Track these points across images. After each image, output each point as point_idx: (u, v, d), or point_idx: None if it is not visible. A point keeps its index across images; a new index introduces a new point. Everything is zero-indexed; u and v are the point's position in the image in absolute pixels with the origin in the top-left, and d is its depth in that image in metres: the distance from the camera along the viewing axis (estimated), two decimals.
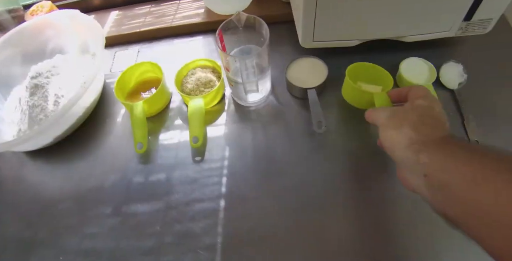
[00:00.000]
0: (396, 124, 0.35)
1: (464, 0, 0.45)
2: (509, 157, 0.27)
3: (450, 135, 0.33)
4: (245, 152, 0.50)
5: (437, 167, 0.30)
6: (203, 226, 0.46)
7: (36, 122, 0.55)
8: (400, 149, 0.33)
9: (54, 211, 0.52)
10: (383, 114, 0.37)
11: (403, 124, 0.34)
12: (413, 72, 0.51)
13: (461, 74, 0.52)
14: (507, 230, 0.24)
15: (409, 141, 0.32)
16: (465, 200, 0.27)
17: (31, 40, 0.63)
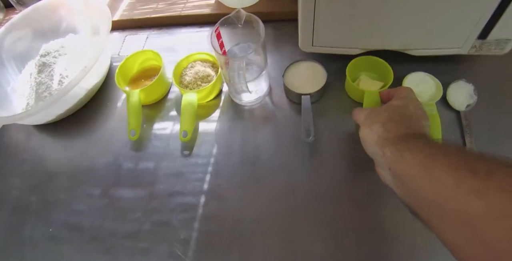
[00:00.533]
0: (369, 122, 0.37)
1: (478, 16, 0.42)
2: (458, 148, 0.30)
3: (419, 133, 0.34)
4: (233, 151, 0.51)
5: (396, 159, 0.32)
6: (181, 219, 0.47)
7: (41, 98, 0.58)
8: (371, 145, 0.36)
9: (48, 184, 0.55)
10: (362, 113, 0.40)
11: (374, 122, 0.37)
12: (417, 88, 0.49)
13: (471, 95, 0.49)
14: (451, 216, 0.25)
15: (377, 137, 0.35)
16: (418, 190, 0.28)
17: (46, 18, 0.65)
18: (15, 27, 0.64)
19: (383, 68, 0.50)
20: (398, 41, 0.47)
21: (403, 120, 0.35)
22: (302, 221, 0.44)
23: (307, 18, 0.45)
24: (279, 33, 0.61)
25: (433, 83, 0.49)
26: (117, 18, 0.67)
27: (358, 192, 0.45)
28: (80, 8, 0.62)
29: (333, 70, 0.51)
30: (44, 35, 0.66)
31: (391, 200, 0.44)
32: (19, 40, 0.65)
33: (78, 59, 0.60)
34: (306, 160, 0.48)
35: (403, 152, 0.31)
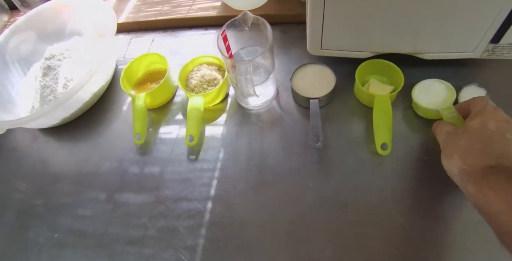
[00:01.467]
0: (448, 152, 0.36)
1: (491, 21, 0.41)
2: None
3: (502, 164, 0.32)
4: (239, 156, 0.50)
5: (478, 198, 0.31)
6: (187, 225, 0.47)
7: (46, 102, 0.57)
8: (452, 176, 0.36)
9: (53, 188, 0.54)
10: (441, 134, 0.39)
11: (452, 153, 0.35)
12: (428, 96, 0.47)
13: None
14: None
15: (458, 171, 0.34)
16: (505, 225, 0.29)
17: (51, 21, 0.64)
18: (19, 30, 0.64)
19: (393, 72, 0.49)
20: (409, 45, 0.46)
21: (483, 150, 0.33)
22: (310, 228, 0.44)
23: (316, 21, 0.44)
24: (286, 36, 0.60)
25: (443, 87, 0.48)
26: (123, 21, 0.66)
27: (369, 199, 0.44)
28: (85, 10, 0.62)
29: (342, 73, 0.51)
30: (48, 37, 0.65)
31: (403, 208, 0.43)
32: (23, 43, 0.65)
33: (83, 62, 0.59)
34: (314, 166, 0.48)
35: (485, 191, 0.31)
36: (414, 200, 0.43)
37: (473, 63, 0.50)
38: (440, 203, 0.43)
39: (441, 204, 0.42)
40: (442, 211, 0.42)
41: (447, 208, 0.42)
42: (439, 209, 0.42)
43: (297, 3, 0.60)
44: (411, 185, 0.44)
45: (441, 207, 0.42)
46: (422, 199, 0.43)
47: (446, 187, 0.43)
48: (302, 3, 0.59)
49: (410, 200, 0.43)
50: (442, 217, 0.42)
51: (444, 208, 0.42)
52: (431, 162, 0.45)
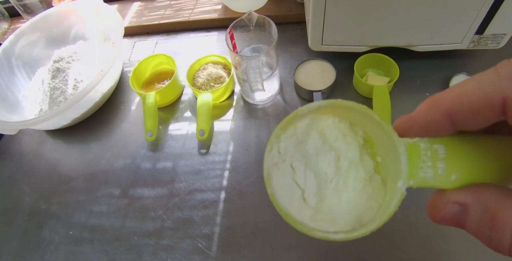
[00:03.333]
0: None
1: (476, 13, 0.45)
2: None
3: None
4: (249, 148, 0.53)
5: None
6: (202, 215, 0.49)
7: (56, 103, 0.59)
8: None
9: (66, 187, 0.56)
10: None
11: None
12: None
13: None
14: None
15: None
16: None
17: (56, 26, 0.66)
18: (24, 34, 0.65)
19: (388, 65, 0.52)
20: (403, 38, 0.50)
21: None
22: None
23: (317, 19, 0.47)
24: (286, 35, 0.64)
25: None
26: (126, 25, 0.69)
27: None
28: (90, 15, 0.64)
29: (341, 68, 0.54)
30: (53, 42, 0.67)
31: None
32: (28, 47, 0.67)
33: (92, 64, 0.61)
34: None
35: None
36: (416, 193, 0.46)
37: (462, 54, 0.55)
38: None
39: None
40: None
41: None
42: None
43: (295, 4, 0.63)
44: None
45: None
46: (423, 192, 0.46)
47: None
48: (299, 4, 0.63)
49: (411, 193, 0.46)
50: None
51: None
52: None
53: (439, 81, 0.53)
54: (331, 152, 0.18)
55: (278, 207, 0.17)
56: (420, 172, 0.15)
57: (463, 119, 0.14)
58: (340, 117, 0.18)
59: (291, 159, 0.18)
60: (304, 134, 0.18)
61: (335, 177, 0.17)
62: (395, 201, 0.16)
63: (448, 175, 0.15)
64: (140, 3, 0.72)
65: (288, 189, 0.17)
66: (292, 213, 0.16)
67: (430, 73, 0.55)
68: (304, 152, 0.18)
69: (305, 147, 0.18)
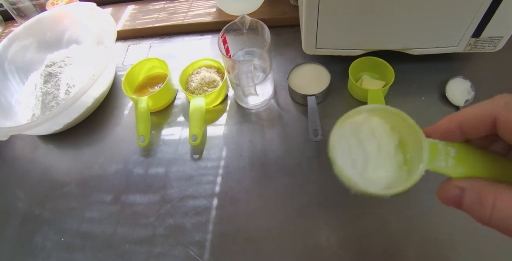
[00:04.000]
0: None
1: (472, 16, 0.44)
2: None
3: None
4: (242, 154, 0.52)
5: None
6: (194, 222, 0.48)
7: (48, 108, 0.58)
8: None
9: (58, 193, 0.55)
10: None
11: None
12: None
13: (469, 91, 0.51)
14: None
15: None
16: None
17: (49, 30, 0.66)
18: (18, 38, 0.65)
19: (384, 68, 0.52)
20: (398, 42, 0.49)
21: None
22: (315, 218, 0.45)
23: (311, 22, 0.47)
24: (280, 39, 0.63)
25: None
26: (120, 28, 0.68)
27: None
28: (84, 19, 0.64)
29: (335, 72, 0.53)
30: (47, 46, 0.66)
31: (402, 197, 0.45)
32: (22, 52, 0.66)
33: (84, 69, 0.61)
34: (315, 160, 0.50)
35: None
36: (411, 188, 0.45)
37: (458, 57, 0.54)
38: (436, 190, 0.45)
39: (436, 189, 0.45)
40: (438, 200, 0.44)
41: None
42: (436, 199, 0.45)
43: (289, 7, 0.63)
44: None
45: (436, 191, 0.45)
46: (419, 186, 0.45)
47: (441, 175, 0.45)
48: (294, 7, 0.62)
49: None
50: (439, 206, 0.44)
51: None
52: None
53: (436, 84, 0.53)
54: (376, 142, 0.25)
55: (337, 165, 0.24)
56: (436, 162, 0.22)
57: (468, 130, 0.21)
58: (385, 120, 0.25)
59: (349, 138, 0.25)
60: (360, 125, 0.25)
61: (376, 157, 0.24)
62: (417, 176, 0.22)
63: (455, 168, 0.22)
64: (134, 6, 0.72)
65: (344, 157, 0.24)
66: (345, 172, 0.23)
67: (426, 76, 0.54)
68: (358, 136, 0.25)
69: (359, 134, 0.25)
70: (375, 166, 0.24)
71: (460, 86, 0.51)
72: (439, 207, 0.43)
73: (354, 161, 0.25)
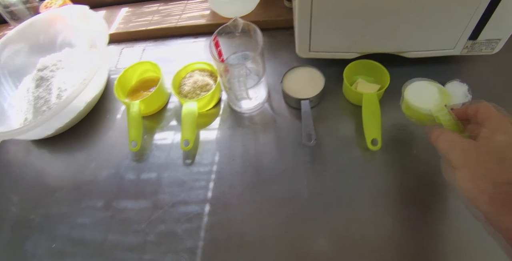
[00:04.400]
0: (470, 173, 0.29)
1: (469, 18, 0.43)
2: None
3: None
4: (235, 158, 0.51)
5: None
6: (186, 228, 0.47)
7: (40, 113, 0.58)
8: (479, 205, 0.28)
9: (50, 198, 0.54)
10: (451, 146, 0.32)
11: (477, 175, 0.29)
12: (420, 95, 0.42)
13: (466, 95, 0.50)
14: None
15: (490, 198, 0.28)
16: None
17: (42, 33, 0.65)
18: (11, 42, 0.64)
19: (379, 71, 0.51)
20: (393, 45, 0.48)
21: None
22: (308, 225, 0.44)
23: (303, 25, 0.46)
24: (274, 41, 0.62)
25: (435, 88, 0.43)
26: (113, 31, 0.67)
27: (362, 194, 0.45)
28: (76, 22, 0.63)
29: (330, 75, 0.52)
30: (40, 49, 0.66)
31: (395, 200, 0.44)
32: (15, 55, 0.66)
33: (76, 72, 0.60)
34: (308, 165, 0.49)
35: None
36: (405, 192, 0.45)
37: (455, 59, 0.53)
38: (430, 194, 0.44)
39: (431, 195, 0.44)
40: (432, 202, 0.44)
41: (436, 199, 0.44)
42: (429, 199, 0.44)
43: (284, 9, 0.62)
44: (402, 178, 0.46)
45: (430, 197, 0.44)
46: (413, 191, 0.45)
47: (436, 179, 0.44)
48: (288, 9, 0.61)
49: (401, 193, 0.45)
50: (432, 208, 0.43)
51: (434, 198, 0.44)
52: (419, 156, 0.47)
53: None
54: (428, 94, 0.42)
55: (410, 101, 0.42)
56: (448, 113, 0.37)
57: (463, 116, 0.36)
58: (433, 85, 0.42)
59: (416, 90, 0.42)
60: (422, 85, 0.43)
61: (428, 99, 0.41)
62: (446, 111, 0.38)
63: (450, 122, 0.37)
64: (128, 9, 0.71)
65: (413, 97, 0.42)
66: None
67: None
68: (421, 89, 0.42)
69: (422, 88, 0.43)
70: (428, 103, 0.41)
71: (457, 89, 0.50)
72: (439, 216, 0.42)
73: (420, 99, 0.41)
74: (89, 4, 0.65)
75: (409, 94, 0.43)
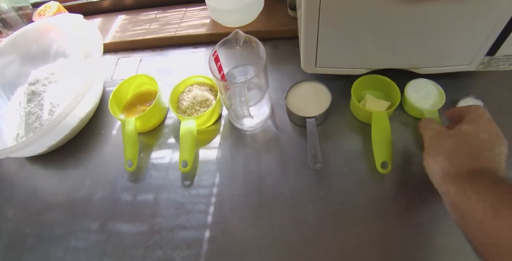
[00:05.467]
0: (433, 152, 0.35)
1: (487, 34, 0.40)
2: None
3: (489, 169, 0.32)
4: (236, 180, 0.48)
5: (460, 199, 0.31)
6: (185, 255, 0.44)
7: (31, 129, 0.55)
8: (433, 178, 0.35)
9: (43, 218, 0.52)
10: (429, 132, 0.38)
11: (438, 153, 0.35)
12: (419, 94, 0.48)
13: None
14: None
15: (441, 172, 0.33)
16: (484, 231, 0.28)
17: (35, 43, 0.62)
18: (3, 52, 0.62)
19: (389, 87, 0.48)
20: (405, 60, 0.45)
21: (471, 153, 0.33)
22: (314, 251, 0.42)
23: (310, 40, 0.43)
24: (277, 51, 0.59)
25: (436, 90, 0.48)
26: (109, 41, 0.64)
27: (370, 218, 0.43)
28: (70, 31, 0.60)
29: (337, 89, 0.50)
30: (33, 59, 0.63)
31: (405, 225, 0.41)
32: (7, 66, 0.63)
33: (69, 86, 0.57)
34: (314, 187, 0.46)
35: (468, 193, 0.30)
36: (415, 217, 0.42)
37: (468, 74, 0.50)
38: (441, 220, 0.41)
39: (442, 221, 0.41)
40: (442, 227, 0.41)
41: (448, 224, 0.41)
42: (439, 224, 0.41)
43: (288, 18, 0.59)
44: (412, 203, 0.43)
45: (441, 223, 0.41)
46: (422, 216, 0.42)
47: None
48: (292, 18, 0.58)
49: (412, 217, 0.42)
50: (442, 233, 0.41)
51: (445, 224, 0.41)
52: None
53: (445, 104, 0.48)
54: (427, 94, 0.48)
55: (408, 96, 0.47)
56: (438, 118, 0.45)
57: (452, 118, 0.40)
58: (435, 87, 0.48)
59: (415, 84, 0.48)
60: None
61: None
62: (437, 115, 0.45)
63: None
64: (125, 17, 0.68)
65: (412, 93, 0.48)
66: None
67: None
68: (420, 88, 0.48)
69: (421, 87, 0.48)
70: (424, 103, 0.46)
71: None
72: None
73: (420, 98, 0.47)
74: (84, 11, 0.62)
75: (409, 89, 0.48)
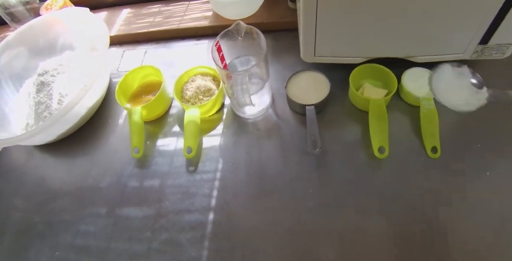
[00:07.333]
0: None
1: (480, 23, 0.42)
2: None
3: None
4: (238, 166, 0.50)
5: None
6: (189, 237, 0.46)
7: (41, 118, 0.57)
8: None
9: (52, 205, 0.54)
10: None
11: None
12: (416, 83, 0.49)
13: None
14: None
15: None
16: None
17: (43, 36, 0.64)
18: (11, 45, 0.64)
19: (386, 76, 0.49)
20: (401, 49, 0.47)
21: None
22: (313, 234, 0.44)
23: (309, 30, 0.44)
24: (278, 43, 0.61)
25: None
26: (115, 33, 0.66)
27: (369, 203, 0.44)
28: (77, 24, 0.62)
29: (335, 79, 0.51)
30: (40, 52, 0.65)
31: (403, 209, 0.43)
32: (15, 59, 0.65)
33: (77, 77, 0.59)
34: (314, 172, 0.48)
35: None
36: (413, 201, 0.44)
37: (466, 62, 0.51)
38: (438, 202, 0.43)
39: (439, 205, 0.43)
40: (441, 210, 0.43)
41: (444, 207, 0.43)
42: (438, 207, 0.43)
43: (288, 11, 0.60)
44: (409, 187, 0.45)
45: (439, 207, 0.43)
46: (421, 199, 0.44)
47: (444, 187, 0.43)
48: (293, 10, 0.60)
49: (409, 202, 0.44)
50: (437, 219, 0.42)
51: (443, 208, 0.43)
52: (427, 164, 0.45)
53: None
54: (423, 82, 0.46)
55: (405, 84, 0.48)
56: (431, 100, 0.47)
57: None
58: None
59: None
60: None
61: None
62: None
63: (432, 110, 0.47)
64: (130, 10, 0.70)
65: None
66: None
67: None
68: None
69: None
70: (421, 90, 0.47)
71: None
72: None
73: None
74: (89, 5, 0.64)
75: (406, 77, 0.49)
